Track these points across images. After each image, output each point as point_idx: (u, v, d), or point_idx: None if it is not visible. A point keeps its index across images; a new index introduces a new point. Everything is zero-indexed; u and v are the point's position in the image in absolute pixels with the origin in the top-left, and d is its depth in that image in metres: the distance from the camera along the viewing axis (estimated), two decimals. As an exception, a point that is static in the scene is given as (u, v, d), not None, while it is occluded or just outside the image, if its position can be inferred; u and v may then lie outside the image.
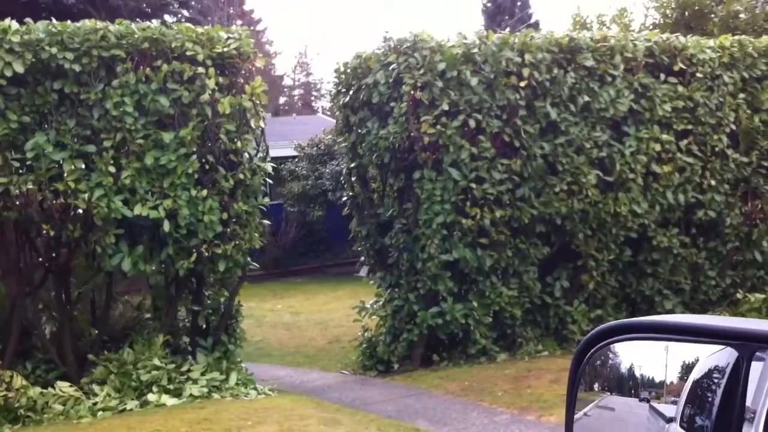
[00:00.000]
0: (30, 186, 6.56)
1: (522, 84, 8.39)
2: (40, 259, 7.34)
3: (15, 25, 6.66)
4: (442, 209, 8.25)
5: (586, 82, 8.81)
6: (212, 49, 7.16)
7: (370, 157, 8.71)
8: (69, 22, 6.91)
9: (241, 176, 7.26)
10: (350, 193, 9.55)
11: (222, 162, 7.24)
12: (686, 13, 15.60)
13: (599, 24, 17.78)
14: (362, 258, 9.89)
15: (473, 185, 8.24)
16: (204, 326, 7.85)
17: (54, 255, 7.18)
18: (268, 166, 7.49)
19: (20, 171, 6.68)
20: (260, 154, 7.52)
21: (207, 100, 7.07)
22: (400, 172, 8.63)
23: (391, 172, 8.75)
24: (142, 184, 6.92)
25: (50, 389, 6.82)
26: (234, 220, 7.34)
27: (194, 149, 7.10)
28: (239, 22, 38.56)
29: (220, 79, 7.16)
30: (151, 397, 6.82)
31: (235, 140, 7.23)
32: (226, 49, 7.19)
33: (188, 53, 7.05)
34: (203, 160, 7.19)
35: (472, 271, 8.55)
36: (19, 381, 6.70)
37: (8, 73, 6.49)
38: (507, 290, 8.70)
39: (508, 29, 9.33)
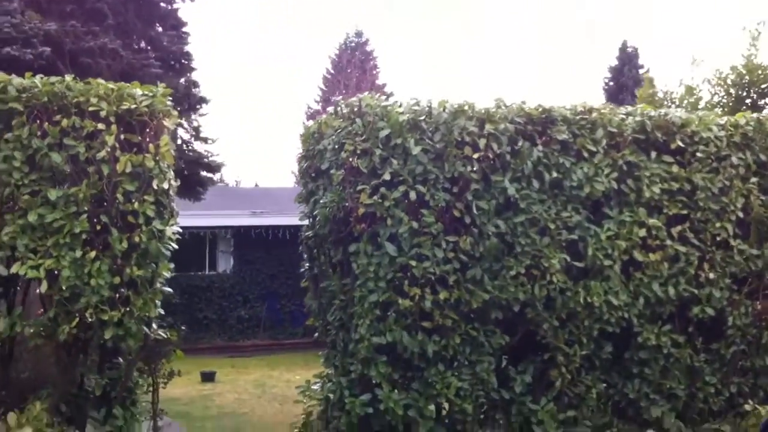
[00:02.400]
0: None
1: (476, 156, 7.57)
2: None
3: None
4: (376, 287, 7.49)
5: (557, 156, 7.89)
6: (119, 106, 6.84)
7: (322, 226, 8.10)
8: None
9: (137, 239, 6.77)
10: (307, 264, 8.92)
11: (117, 223, 6.79)
12: (751, 90, 14.33)
13: (669, 102, 16.55)
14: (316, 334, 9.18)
15: (413, 263, 7.44)
16: (100, 396, 7.32)
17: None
18: (169, 230, 6.96)
19: None
20: (164, 218, 6.98)
21: (105, 158, 6.71)
22: (338, 245, 7.94)
23: (331, 243, 8.06)
24: (24, 241, 6.55)
25: None
26: (127, 286, 6.82)
27: (86, 208, 6.71)
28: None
29: (122, 137, 6.77)
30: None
31: (133, 201, 6.75)
32: (134, 106, 6.86)
33: (91, 108, 6.75)
34: (95, 220, 6.75)
35: (413, 357, 7.69)
36: None
37: None
38: (457, 381, 7.77)
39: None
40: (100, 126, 6.70)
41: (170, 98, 7.19)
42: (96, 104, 6.74)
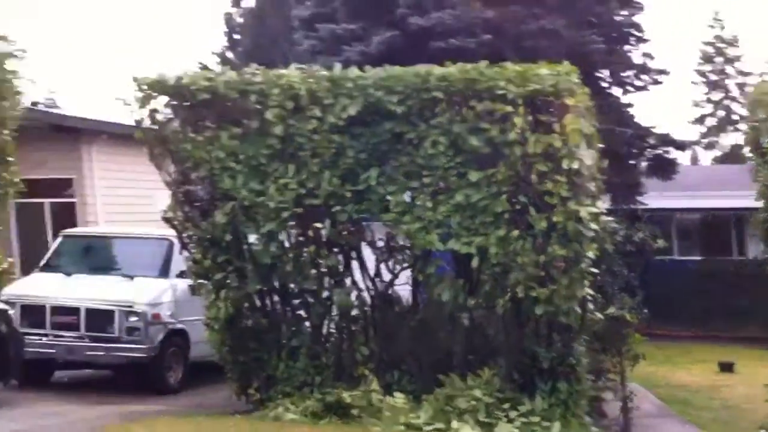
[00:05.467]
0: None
1: None
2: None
3: (354, 72, 7.58)
4: None
5: None
6: (525, 87, 6.98)
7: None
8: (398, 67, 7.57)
9: (555, 219, 6.85)
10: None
11: (535, 203, 6.96)
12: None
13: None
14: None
15: None
16: (548, 369, 7.49)
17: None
18: (584, 211, 6.89)
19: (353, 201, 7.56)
20: (579, 198, 6.95)
21: (516, 139, 6.92)
22: None
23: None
24: (456, 219, 7.16)
25: (388, 398, 7.37)
26: (552, 264, 6.95)
27: (505, 188, 7.03)
28: None
29: (530, 118, 6.92)
30: (454, 424, 6.88)
31: (547, 181, 6.88)
32: (539, 87, 6.94)
33: (499, 92, 7.02)
34: (514, 200, 7.04)
35: None
36: (374, 384, 7.49)
37: (344, 115, 7.42)
38: None
39: None
40: (509, 108, 6.93)
41: (576, 76, 7.16)
42: (504, 87, 7.00)
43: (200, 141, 7.80)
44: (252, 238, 7.95)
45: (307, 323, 8.19)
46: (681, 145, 19.88)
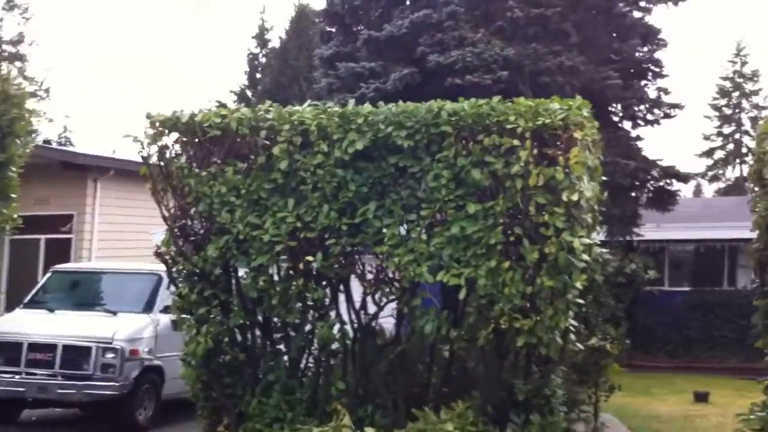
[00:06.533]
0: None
1: None
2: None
3: (367, 108, 7.77)
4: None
5: None
6: (534, 122, 7.13)
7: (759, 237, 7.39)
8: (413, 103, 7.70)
9: (547, 251, 7.03)
10: (758, 280, 8.07)
11: (530, 235, 7.14)
12: None
13: None
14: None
15: None
16: (523, 402, 7.63)
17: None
18: (578, 243, 7.05)
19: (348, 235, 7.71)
20: (574, 230, 7.12)
21: (519, 172, 7.10)
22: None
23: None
24: (448, 252, 7.32)
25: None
26: (539, 295, 7.14)
27: (501, 220, 7.20)
28: None
29: (535, 151, 7.09)
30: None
31: (545, 213, 7.05)
32: (548, 121, 7.09)
33: (509, 126, 7.20)
34: (509, 232, 7.21)
35: None
36: (346, 419, 7.52)
37: (351, 150, 7.60)
38: None
39: None
40: (515, 142, 7.10)
41: (587, 110, 7.31)
42: (514, 121, 7.16)
43: (204, 176, 8.01)
44: (241, 272, 8.14)
45: (286, 357, 8.34)
46: (684, 177, 20.18)
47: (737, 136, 42.23)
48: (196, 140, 8.16)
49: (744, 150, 40.87)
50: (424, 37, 17.06)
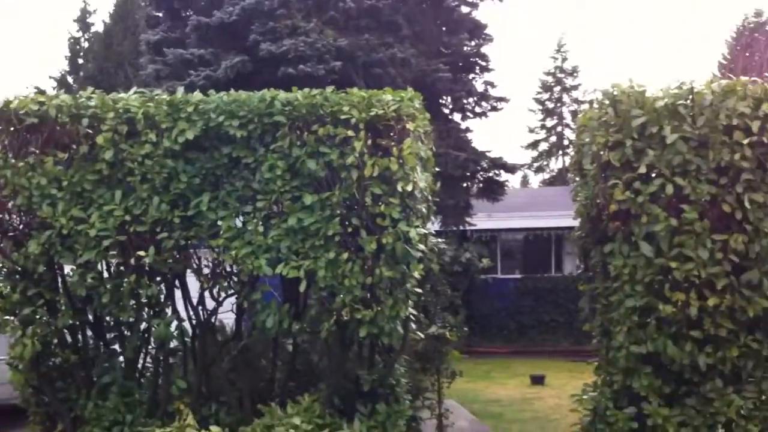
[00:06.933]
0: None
1: (748, 141, 6.64)
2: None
3: (197, 96, 7.49)
4: (633, 291, 6.98)
5: None
6: (368, 113, 7.12)
7: (581, 226, 7.78)
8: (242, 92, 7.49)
9: (384, 241, 7.04)
10: (582, 266, 8.50)
11: (367, 226, 7.13)
12: None
13: None
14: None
15: (673, 264, 6.76)
16: (368, 392, 7.67)
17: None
18: (414, 233, 7.12)
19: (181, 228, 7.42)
20: (410, 220, 7.19)
21: (354, 163, 7.07)
22: (596, 244, 7.50)
23: (591, 243, 7.64)
24: (286, 244, 7.18)
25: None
26: (378, 285, 7.14)
27: (339, 212, 7.14)
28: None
29: (370, 142, 7.09)
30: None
31: (381, 204, 7.06)
32: (381, 112, 7.09)
33: (343, 117, 7.15)
34: (347, 223, 7.17)
35: (685, 369, 6.97)
36: (189, 419, 7.33)
37: (181, 140, 7.32)
38: (739, 400, 6.89)
39: None
40: (350, 133, 7.06)
41: (419, 101, 7.36)
42: (348, 112, 7.11)
43: (21, 167, 7.47)
44: (68, 269, 7.69)
45: (121, 358, 8.00)
46: (511, 168, 21.04)
47: (559, 129, 44.62)
48: (12, 129, 7.58)
49: (566, 142, 43.21)
50: (256, 25, 16.79)
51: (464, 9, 19.48)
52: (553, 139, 45.09)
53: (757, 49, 39.99)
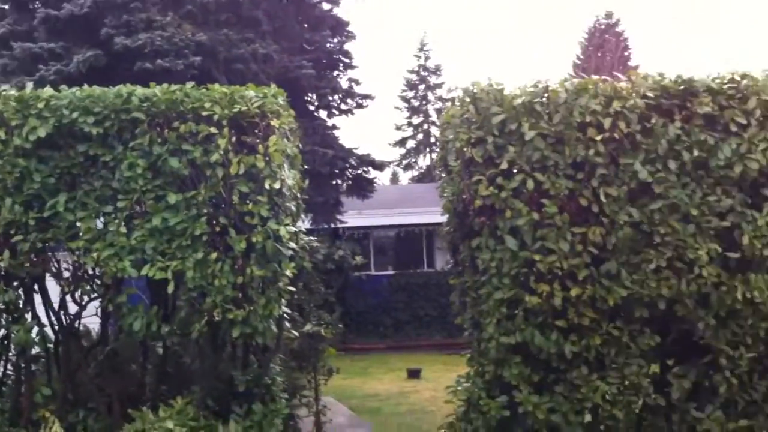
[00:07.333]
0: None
1: (600, 137, 6.95)
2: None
3: (48, 92, 7.14)
4: (500, 283, 7.14)
5: (698, 133, 7.01)
6: (231, 109, 7.00)
7: (448, 221, 7.95)
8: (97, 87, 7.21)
9: (254, 240, 6.94)
10: (452, 261, 8.65)
11: (236, 225, 7.01)
12: None
13: None
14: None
15: (537, 257, 6.98)
16: (243, 392, 7.55)
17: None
18: (284, 231, 7.06)
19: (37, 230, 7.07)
20: (280, 218, 7.12)
21: (218, 160, 6.93)
22: (464, 239, 7.65)
23: (459, 238, 7.78)
24: (151, 245, 6.96)
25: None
26: (250, 285, 7.03)
27: (205, 211, 6.98)
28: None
29: (234, 139, 6.97)
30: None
31: (249, 202, 6.95)
32: (245, 108, 6.99)
33: (205, 113, 6.99)
34: (214, 222, 7.03)
35: (552, 358, 7.22)
36: (56, 427, 7.07)
37: (32, 138, 6.97)
38: (604, 386, 7.16)
39: None
40: (213, 130, 6.92)
41: (282, 98, 7.30)
42: (210, 108, 6.96)
43: None
44: None
45: None
46: (380, 166, 21.25)
47: (426, 126, 45.47)
48: None
49: (433, 139, 44.08)
50: (109, 18, 16.18)
51: (325, 6, 19.54)
52: (420, 136, 45.93)
53: (608, 49, 42.30)
